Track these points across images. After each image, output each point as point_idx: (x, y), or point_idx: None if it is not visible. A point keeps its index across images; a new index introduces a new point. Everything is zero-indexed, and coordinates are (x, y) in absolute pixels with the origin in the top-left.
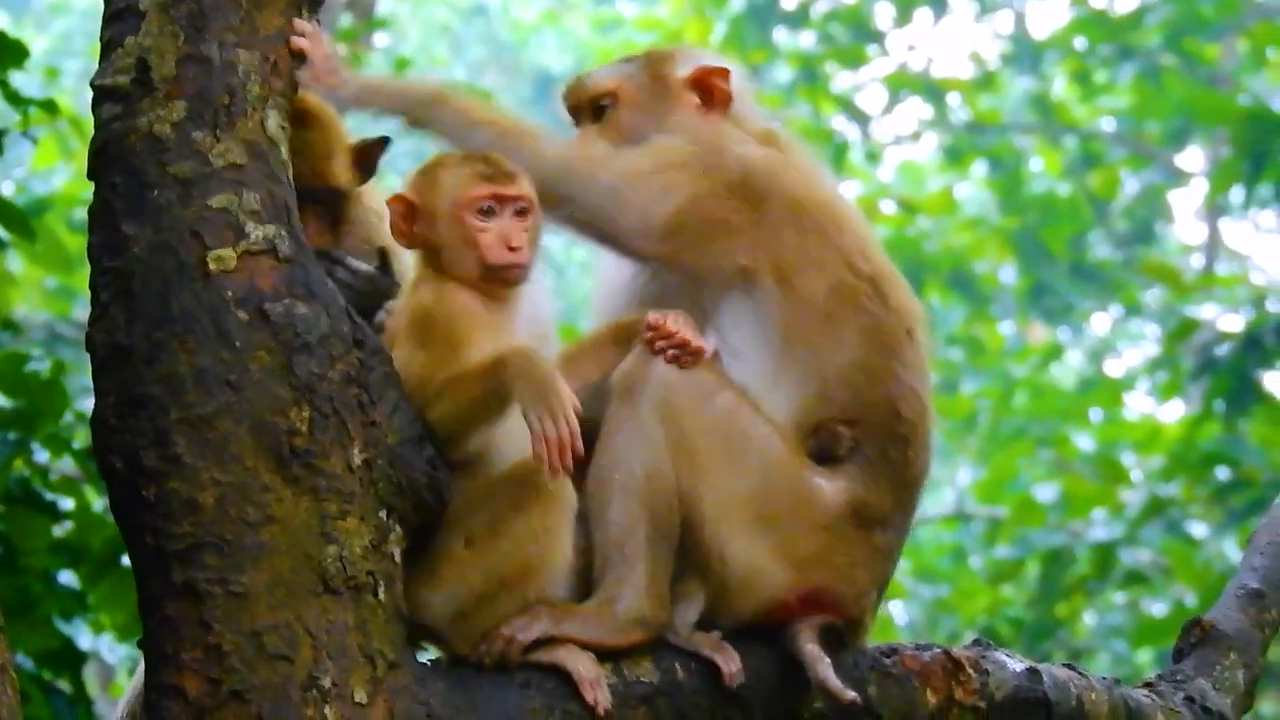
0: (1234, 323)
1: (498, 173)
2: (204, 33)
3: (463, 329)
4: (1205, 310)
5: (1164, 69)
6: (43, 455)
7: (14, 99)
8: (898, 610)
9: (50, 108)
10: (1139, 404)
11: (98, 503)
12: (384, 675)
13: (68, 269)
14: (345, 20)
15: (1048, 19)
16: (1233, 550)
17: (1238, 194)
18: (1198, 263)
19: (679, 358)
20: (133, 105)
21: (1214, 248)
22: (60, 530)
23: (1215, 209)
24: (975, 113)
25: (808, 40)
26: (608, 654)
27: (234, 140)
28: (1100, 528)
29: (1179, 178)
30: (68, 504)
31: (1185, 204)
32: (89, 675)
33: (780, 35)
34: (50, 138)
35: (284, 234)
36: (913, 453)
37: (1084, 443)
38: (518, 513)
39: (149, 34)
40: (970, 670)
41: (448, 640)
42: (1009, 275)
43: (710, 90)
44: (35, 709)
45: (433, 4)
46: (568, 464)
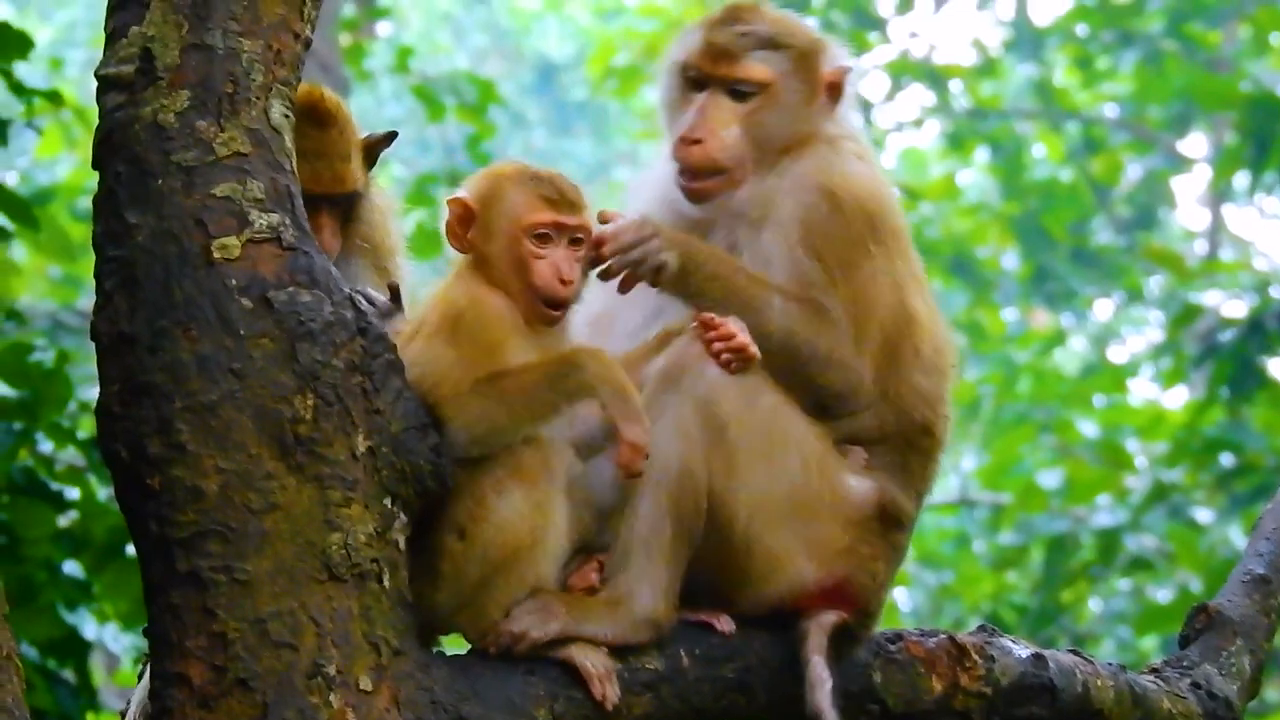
0: (1237, 308)
1: (562, 199)
2: (207, 22)
3: (497, 334)
4: (1208, 296)
5: (1165, 54)
6: (46, 445)
7: (18, 89)
8: (902, 597)
9: (54, 98)
10: (1142, 390)
11: (102, 492)
12: (388, 662)
13: (71, 258)
14: (348, 9)
15: (1049, 5)
16: (1237, 536)
17: (1241, 179)
18: (1201, 248)
19: (730, 362)
20: (136, 94)
21: (1217, 233)
22: (64, 519)
23: (1218, 194)
24: (977, 99)
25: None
26: (616, 650)
27: (237, 129)
28: (1104, 513)
29: (1181, 163)
30: (72, 493)
31: (1188, 189)
32: (93, 664)
33: None
34: (54, 127)
35: (287, 222)
36: (933, 465)
37: (1087, 429)
38: (500, 496)
39: (152, 23)
40: (975, 656)
41: (458, 631)
42: (1011, 261)
43: (838, 91)
44: (40, 698)
45: None
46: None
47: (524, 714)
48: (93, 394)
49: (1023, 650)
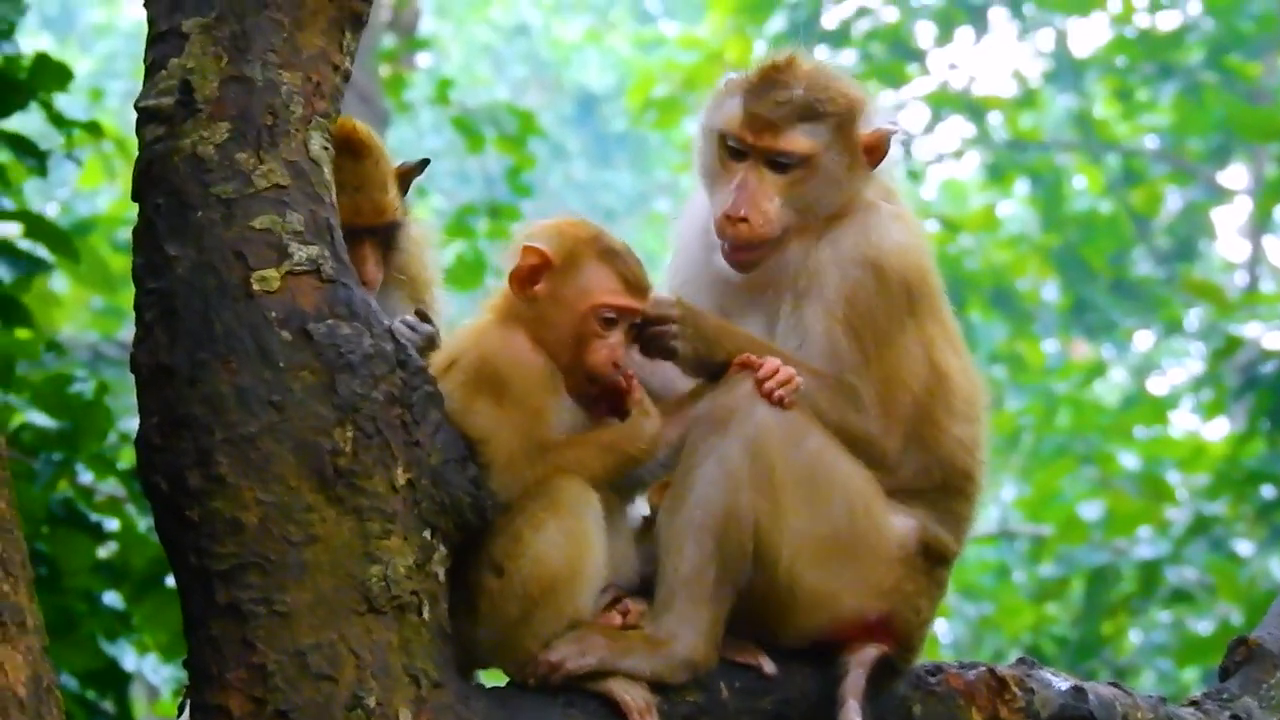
0: (1278, 340)
1: (639, 285)
2: (246, 54)
3: (542, 399)
4: (1249, 328)
5: (1205, 86)
6: (86, 475)
7: (58, 120)
8: (942, 628)
9: (94, 129)
10: (1183, 421)
11: (141, 523)
12: (427, 694)
13: (111, 289)
14: (388, 40)
15: (1089, 37)
16: (1278, 568)
17: None
18: (1241, 280)
19: (783, 397)
20: (176, 126)
21: (1257, 265)
22: (104, 550)
23: (1259, 226)
24: (1016, 130)
25: (849, 59)
26: (653, 686)
27: (277, 161)
28: (1145, 545)
29: (1221, 195)
30: (111, 524)
31: (1228, 221)
32: (134, 695)
33: (821, 54)
34: (95, 159)
35: (327, 254)
36: (974, 506)
37: (1128, 460)
38: (536, 531)
39: (192, 55)
40: (1015, 689)
41: (497, 665)
42: (1051, 292)
43: (876, 152)
44: None
45: (475, 24)
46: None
47: None
48: (133, 425)
49: (1062, 683)
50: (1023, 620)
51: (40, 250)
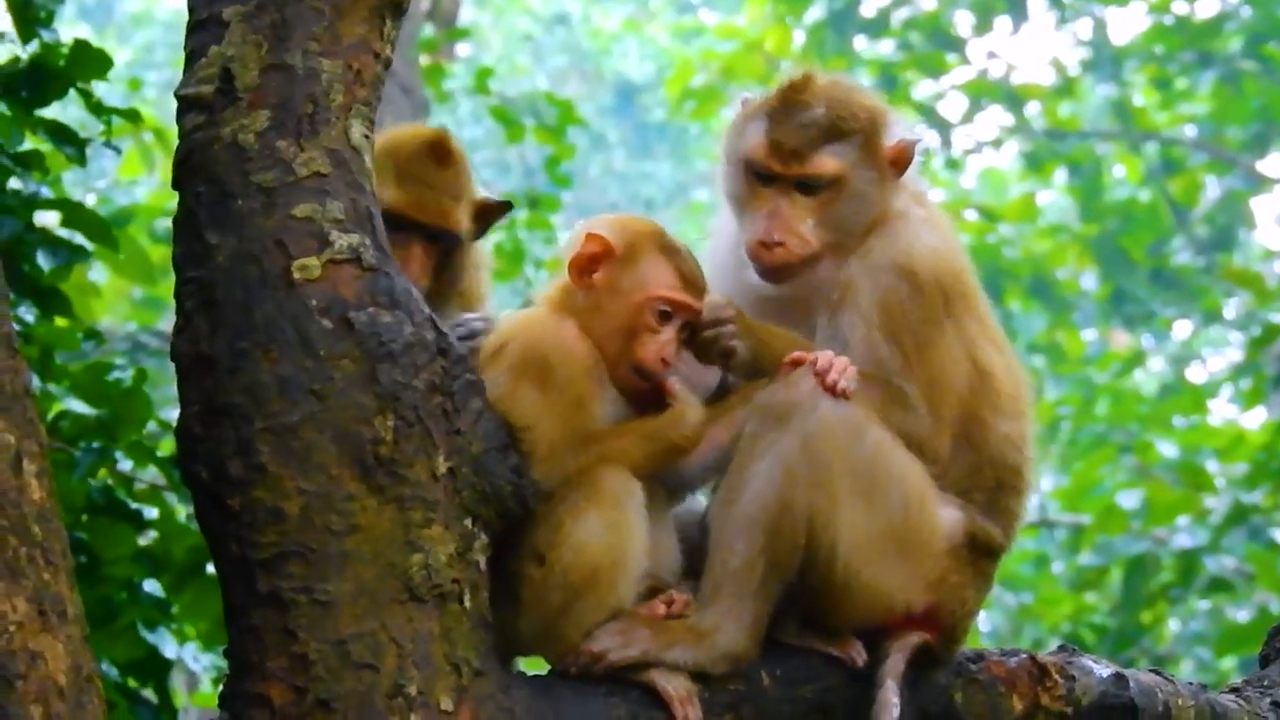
0: None
1: (696, 285)
2: (287, 42)
3: (586, 387)
4: None
5: (1244, 74)
6: (126, 464)
7: (97, 109)
8: (981, 617)
9: (133, 116)
10: (1222, 410)
11: (181, 511)
12: (469, 683)
13: (151, 279)
14: (427, 30)
15: (1127, 26)
16: None
17: None
18: None
19: (846, 388)
20: (216, 114)
21: None
22: (144, 539)
23: None
24: (1055, 120)
25: (887, 48)
26: (694, 676)
27: (317, 149)
28: (1184, 534)
29: (1261, 183)
30: (151, 513)
31: (1267, 209)
32: (174, 684)
33: (860, 43)
34: (134, 150)
35: (368, 243)
36: (1023, 503)
37: (1167, 449)
38: (576, 520)
39: (232, 43)
40: (1056, 676)
41: (539, 654)
42: (1090, 282)
43: (900, 162)
44: (121, 718)
45: (514, 13)
46: None
47: None
48: (173, 415)
49: (1104, 670)
50: (1062, 609)
51: (79, 239)
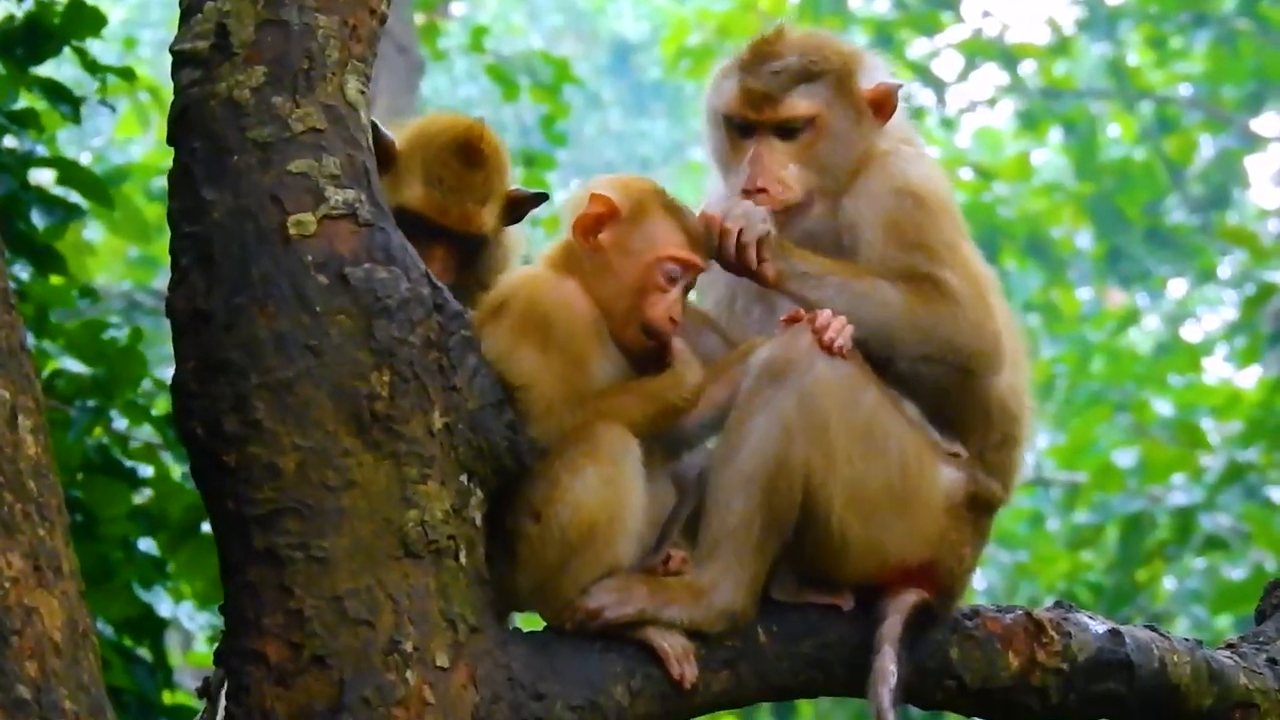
0: None
1: (701, 239)
2: None
3: (587, 346)
4: None
5: (1239, 34)
6: (121, 423)
7: (92, 67)
8: (976, 576)
9: (128, 75)
10: (1217, 369)
11: (177, 470)
12: (465, 639)
13: (146, 238)
14: None
15: None
16: None
17: None
18: (1275, 227)
19: (843, 346)
20: (212, 70)
21: None
22: (139, 498)
23: None
24: (1050, 79)
25: (883, 6)
26: (691, 634)
27: (313, 105)
28: (1179, 493)
29: (1255, 142)
30: (147, 471)
31: (1262, 168)
32: (169, 642)
33: (855, 2)
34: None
35: (363, 198)
36: (1021, 455)
37: (1162, 408)
38: (574, 476)
39: None
40: (1052, 632)
41: (535, 611)
42: (1085, 241)
43: (884, 106)
44: (116, 676)
45: None
46: None
47: (601, 691)
48: (169, 373)
49: (1099, 626)
50: (1057, 567)
51: (74, 197)
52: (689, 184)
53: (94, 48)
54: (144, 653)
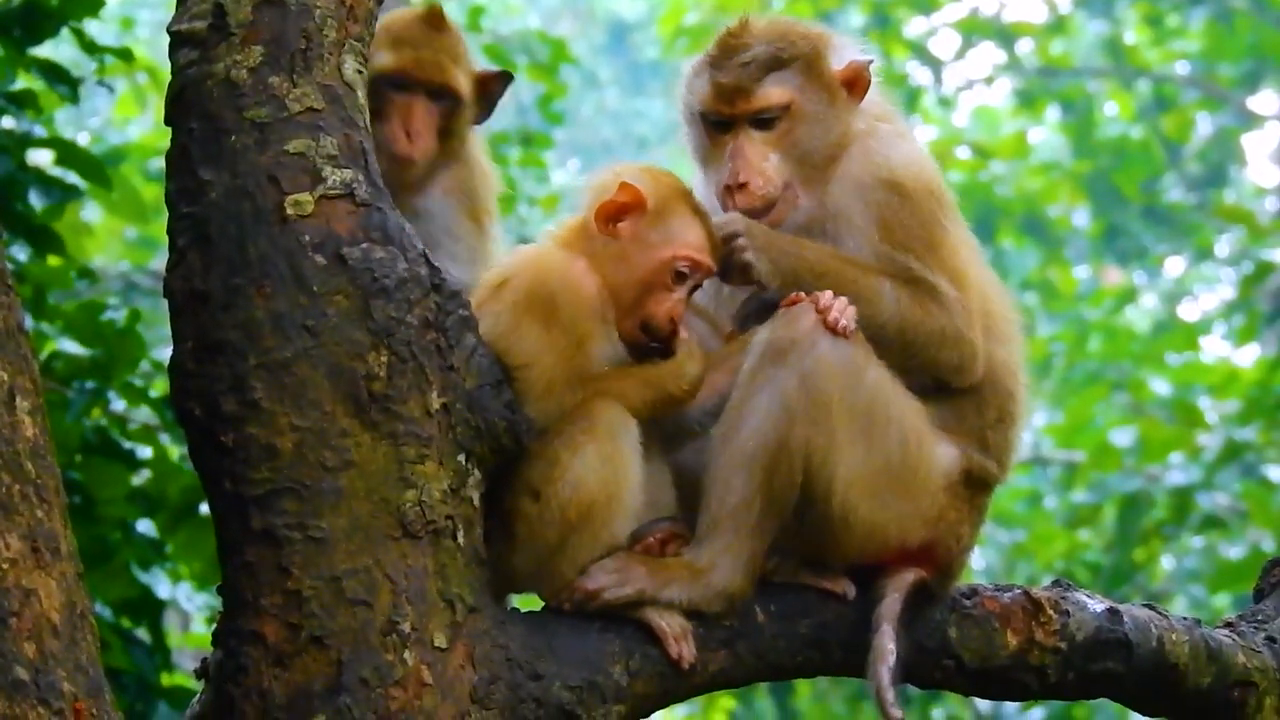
0: None
1: (716, 244)
2: None
3: (589, 326)
4: None
5: (1236, 11)
6: (119, 404)
7: (90, 47)
8: (974, 555)
9: (125, 56)
10: (1215, 347)
11: (175, 451)
12: (463, 619)
13: (144, 219)
14: None
15: None
16: None
17: None
18: (1272, 205)
19: (847, 326)
20: (209, 51)
21: None
22: (137, 479)
23: None
24: (1047, 57)
25: None
26: (689, 613)
27: (310, 85)
28: (1177, 472)
29: (1252, 120)
30: (145, 452)
31: (1259, 147)
32: (167, 624)
33: None
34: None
35: (361, 178)
36: (1017, 432)
37: (1160, 387)
38: (573, 454)
39: None
40: (1051, 611)
41: (534, 591)
42: (1082, 219)
43: (857, 84)
44: (114, 657)
45: None
46: None
47: (599, 670)
48: (166, 355)
49: (1098, 605)
50: (1055, 547)
51: (72, 178)
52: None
53: (92, 28)
54: (142, 634)
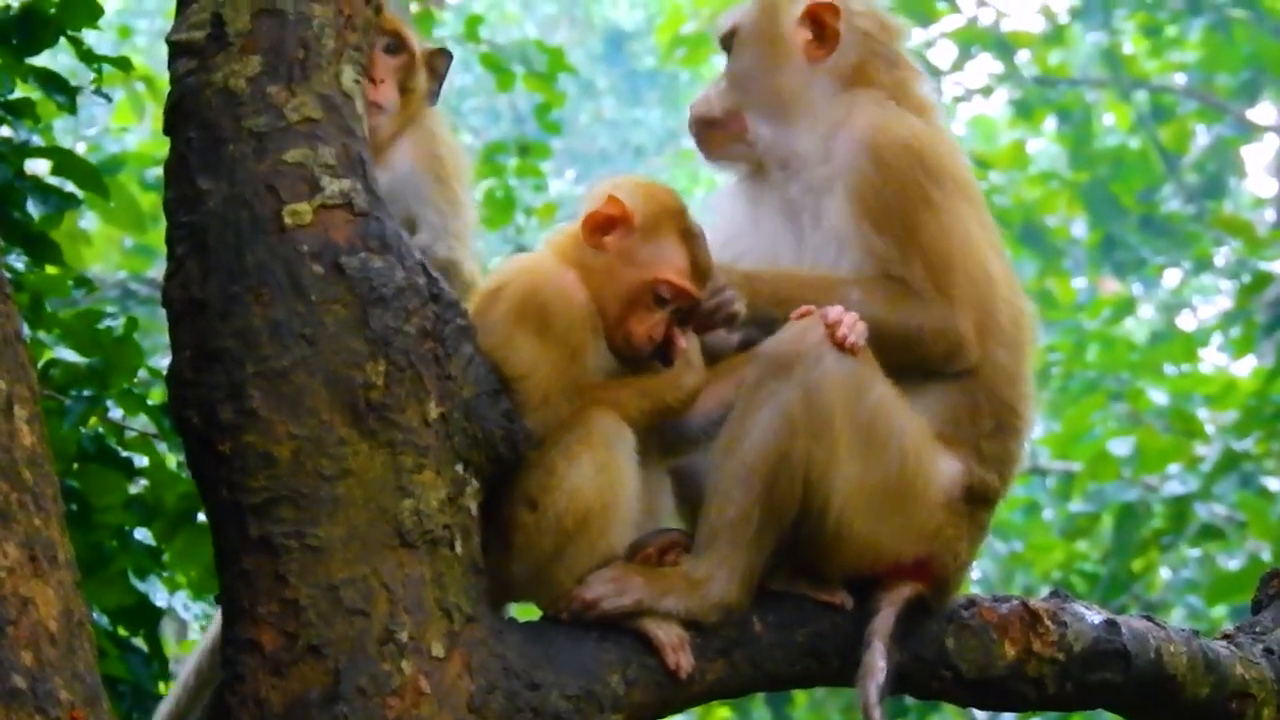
0: None
1: (704, 275)
2: None
3: (582, 338)
4: (1278, 264)
5: (1234, 22)
6: (117, 412)
7: (88, 56)
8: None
9: (123, 65)
10: (1213, 358)
11: (172, 459)
12: (460, 628)
13: (141, 227)
14: None
15: None
16: None
17: None
18: (1270, 216)
19: (855, 343)
20: (208, 60)
21: None
22: (135, 487)
23: None
24: (1045, 67)
25: None
26: (686, 623)
27: (309, 94)
28: (1175, 482)
29: (1251, 131)
30: (142, 460)
31: (1257, 157)
32: (164, 632)
33: None
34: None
35: (359, 188)
36: (1020, 445)
37: (1158, 397)
38: (570, 463)
39: None
40: (1048, 622)
41: (531, 600)
42: (1080, 229)
43: (822, 26)
44: (111, 665)
45: None
46: None
47: (597, 680)
48: (164, 363)
49: (1095, 616)
50: (1053, 557)
51: (70, 187)
52: (682, 172)
53: (90, 37)
54: (139, 642)
